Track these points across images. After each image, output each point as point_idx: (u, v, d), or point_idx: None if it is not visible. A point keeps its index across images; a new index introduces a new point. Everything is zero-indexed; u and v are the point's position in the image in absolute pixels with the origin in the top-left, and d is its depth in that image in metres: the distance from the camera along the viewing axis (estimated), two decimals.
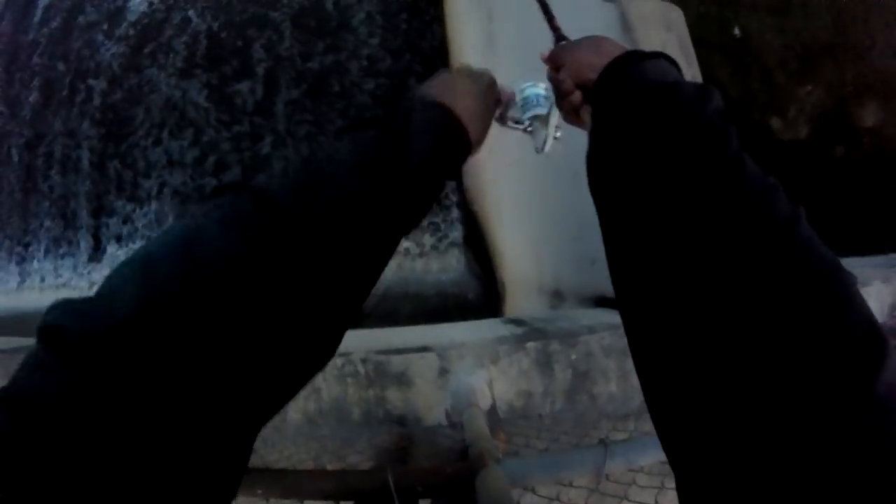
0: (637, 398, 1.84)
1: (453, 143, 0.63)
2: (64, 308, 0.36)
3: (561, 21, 2.82)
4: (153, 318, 0.34)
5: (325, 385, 1.89)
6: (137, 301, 0.35)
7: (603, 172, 0.57)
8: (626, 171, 0.52)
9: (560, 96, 0.77)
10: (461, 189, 4.93)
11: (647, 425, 1.75)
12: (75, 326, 0.34)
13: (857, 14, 5.24)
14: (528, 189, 3.33)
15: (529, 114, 0.91)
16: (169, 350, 0.34)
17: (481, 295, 4.76)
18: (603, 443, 1.19)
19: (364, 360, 1.85)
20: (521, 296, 3.67)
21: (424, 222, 5.13)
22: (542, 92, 0.92)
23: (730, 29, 5.51)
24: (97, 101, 6.43)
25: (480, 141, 0.71)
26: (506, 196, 3.75)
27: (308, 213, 0.44)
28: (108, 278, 0.38)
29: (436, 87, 0.67)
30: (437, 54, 4.90)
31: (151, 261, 0.38)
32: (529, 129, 0.92)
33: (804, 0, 5.37)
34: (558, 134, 0.90)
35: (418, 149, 0.56)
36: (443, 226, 4.99)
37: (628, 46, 2.02)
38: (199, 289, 0.37)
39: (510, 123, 0.92)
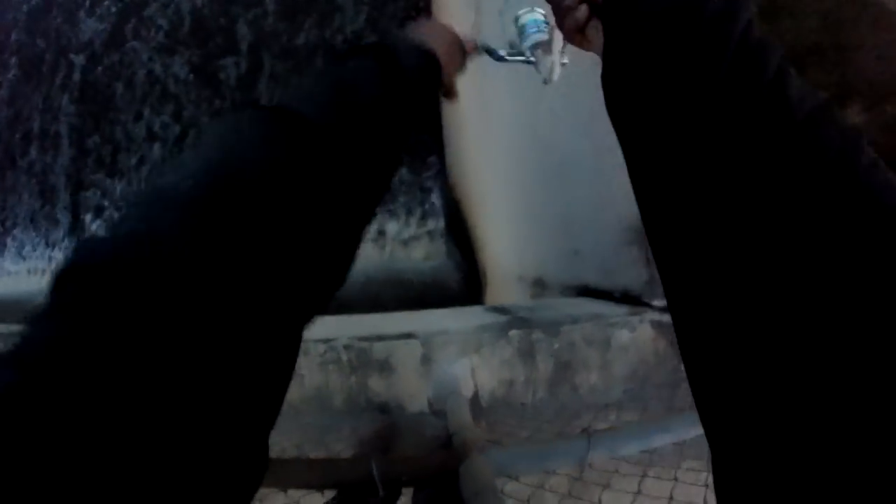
0: (618, 389, 1.87)
1: (434, 69, 0.67)
2: (77, 247, 0.32)
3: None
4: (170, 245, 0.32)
5: (308, 372, 1.88)
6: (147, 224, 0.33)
7: (621, 97, 0.51)
8: (647, 96, 0.46)
9: (561, 14, 0.71)
10: (444, 175, 4.92)
11: (629, 416, 1.78)
12: (83, 260, 0.31)
13: (846, 15, 5.29)
14: (513, 177, 3.33)
15: (529, 42, 0.86)
16: (192, 268, 0.31)
17: (463, 283, 4.77)
18: (586, 433, 1.21)
19: (347, 347, 1.85)
20: (503, 284, 3.69)
21: (406, 209, 5.13)
22: (541, 17, 0.86)
23: None
24: (77, 76, 6.33)
25: (452, 74, 0.75)
26: (490, 184, 3.75)
27: (336, 129, 0.45)
28: (124, 209, 0.35)
29: (412, 30, 0.70)
30: None
31: (174, 190, 0.35)
32: (532, 59, 0.87)
33: (793, 3, 5.41)
34: (565, 60, 0.83)
35: (411, 68, 0.59)
36: (425, 213, 4.99)
37: None
38: (234, 214, 0.34)
39: (509, 58, 0.88)
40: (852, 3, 4.88)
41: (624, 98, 0.50)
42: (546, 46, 0.84)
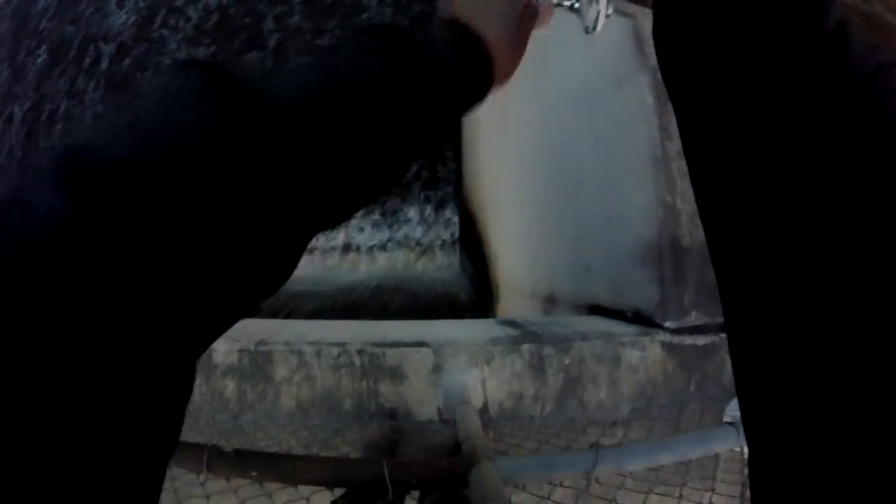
0: (626, 407, 1.90)
1: (472, 74, 0.55)
2: None
3: (575, 34, 2.87)
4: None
5: (320, 374, 1.93)
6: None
7: (675, 55, 0.46)
8: (704, 53, 0.41)
9: None
10: (460, 187, 4.98)
11: (635, 434, 1.81)
12: None
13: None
14: (529, 192, 3.38)
15: None
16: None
17: (473, 295, 4.81)
18: (594, 446, 1.24)
19: (360, 352, 1.89)
20: (515, 299, 3.73)
21: (420, 219, 5.19)
22: None
23: None
24: (105, 64, 6.49)
25: (509, 72, 0.62)
26: (505, 198, 3.80)
27: (292, 121, 0.37)
28: None
29: (458, 4, 0.57)
30: None
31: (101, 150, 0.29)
32: (576, 4, 0.78)
33: None
34: (611, 10, 0.77)
35: (439, 61, 0.50)
36: (439, 224, 5.05)
37: (639, 62, 2.05)
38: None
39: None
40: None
41: (676, 59, 0.45)
42: None
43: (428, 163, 5.10)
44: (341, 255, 5.12)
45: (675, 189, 1.99)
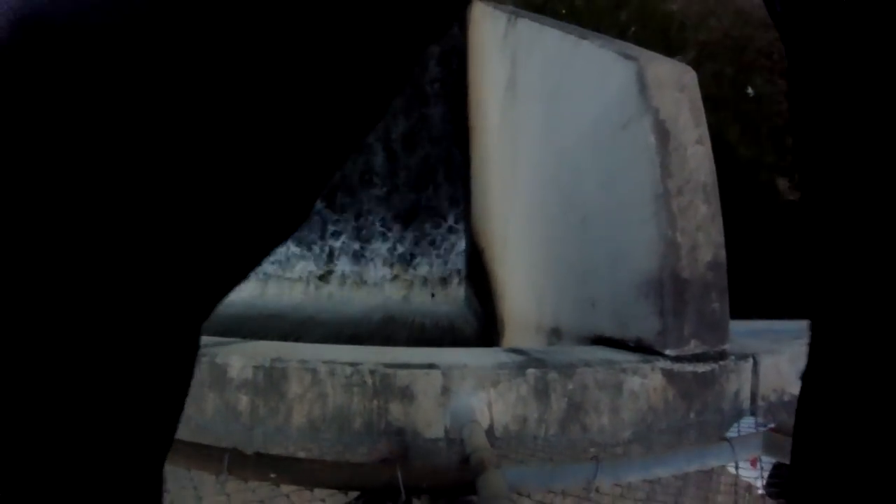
0: (626, 432, 2.00)
1: None
2: None
3: (589, 83, 3.08)
4: None
5: (332, 392, 2.05)
6: None
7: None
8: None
9: None
10: (468, 222, 5.15)
11: (635, 456, 1.91)
12: None
13: None
14: (537, 229, 3.53)
15: None
16: None
17: (478, 330, 4.93)
18: (595, 458, 1.36)
19: (372, 372, 2.02)
20: (520, 333, 3.85)
21: (429, 252, 5.35)
22: None
23: (744, 89, 5.78)
24: None
25: None
26: (513, 234, 3.96)
27: None
28: None
29: None
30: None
31: None
32: None
33: None
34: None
35: None
36: (447, 257, 5.20)
37: (642, 104, 2.23)
38: None
39: None
40: None
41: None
42: None
43: (435, 194, 5.27)
44: (346, 285, 5.25)
45: (676, 224, 2.14)
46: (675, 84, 2.30)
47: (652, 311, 2.17)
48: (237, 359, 2.21)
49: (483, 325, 4.72)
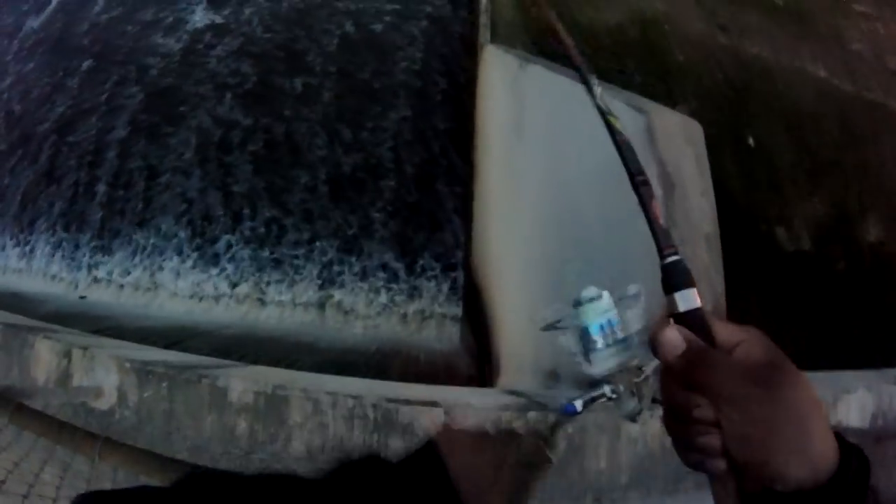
0: (624, 476, 2.06)
1: None
2: None
3: (591, 127, 3.16)
4: None
5: (333, 423, 2.10)
6: None
7: None
8: None
9: (680, 421, 0.59)
10: (468, 260, 5.21)
11: (632, 501, 1.96)
12: None
13: (867, 130, 5.70)
14: (536, 269, 3.60)
15: (601, 366, 0.74)
16: None
17: (472, 368, 4.95)
18: (598, 501, 1.42)
19: (374, 406, 2.07)
20: (515, 374, 3.88)
21: (426, 287, 5.40)
22: (613, 314, 0.73)
23: (744, 138, 5.91)
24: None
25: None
26: (513, 271, 4.02)
27: None
28: None
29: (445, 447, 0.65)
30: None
31: None
32: (610, 394, 0.76)
33: (816, 115, 5.84)
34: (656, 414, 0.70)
35: None
36: (445, 294, 5.25)
37: (650, 155, 2.32)
38: None
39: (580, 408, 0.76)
40: (872, 119, 5.23)
41: None
42: (632, 373, 0.73)
43: (434, 233, 5.37)
44: (340, 314, 5.29)
45: None
46: (683, 137, 2.42)
47: (652, 359, 2.25)
48: (238, 382, 2.26)
49: (477, 364, 4.75)
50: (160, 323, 5.45)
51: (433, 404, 2.08)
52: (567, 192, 3.17)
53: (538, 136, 3.61)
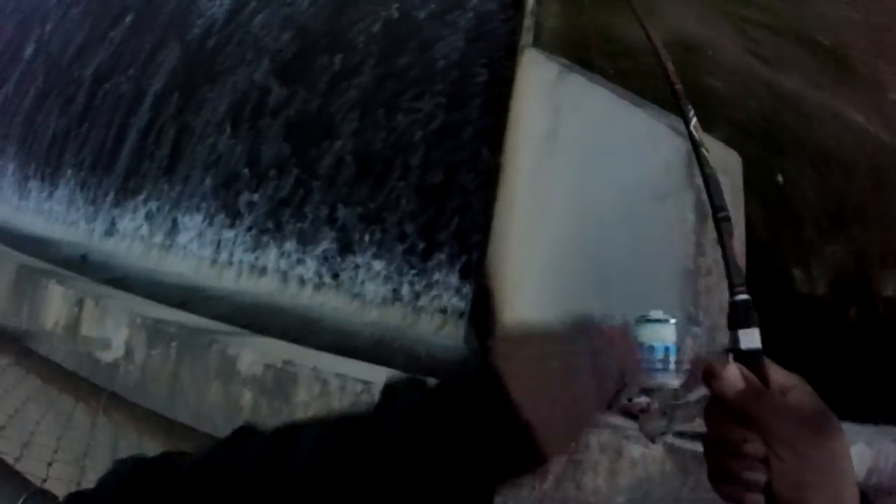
0: (621, 498, 2.07)
1: (502, 448, 0.60)
2: None
3: (634, 150, 3.14)
4: None
5: (339, 406, 2.11)
6: None
7: None
8: None
9: (727, 453, 0.62)
10: (483, 260, 5.20)
11: None
12: None
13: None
14: (553, 280, 3.60)
15: (648, 380, 0.73)
16: None
17: (473, 370, 4.94)
18: None
19: None
20: None
21: (437, 282, 5.40)
22: (673, 342, 0.73)
23: (773, 173, 5.87)
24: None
25: (558, 451, 0.65)
26: (527, 280, 4.01)
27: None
28: None
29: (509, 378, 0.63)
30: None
31: None
32: (643, 404, 0.76)
33: (847, 160, 5.79)
34: (682, 444, 0.66)
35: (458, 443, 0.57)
36: (455, 291, 5.25)
37: (686, 180, 2.32)
38: None
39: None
40: None
41: None
42: (668, 395, 0.74)
43: (453, 220, 5.38)
44: (347, 297, 5.31)
45: (699, 302, 2.23)
46: (721, 166, 2.40)
47: None
48: (248, 353, 2.27)
49: (479, 365, 4.75)
50: (169, 280, 5.49)
51: None
52: (594, 208, 3.17)
53: (571, 148, 3.60)
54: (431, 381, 0.64)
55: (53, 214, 6.79)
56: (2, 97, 7.74)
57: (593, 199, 3.22)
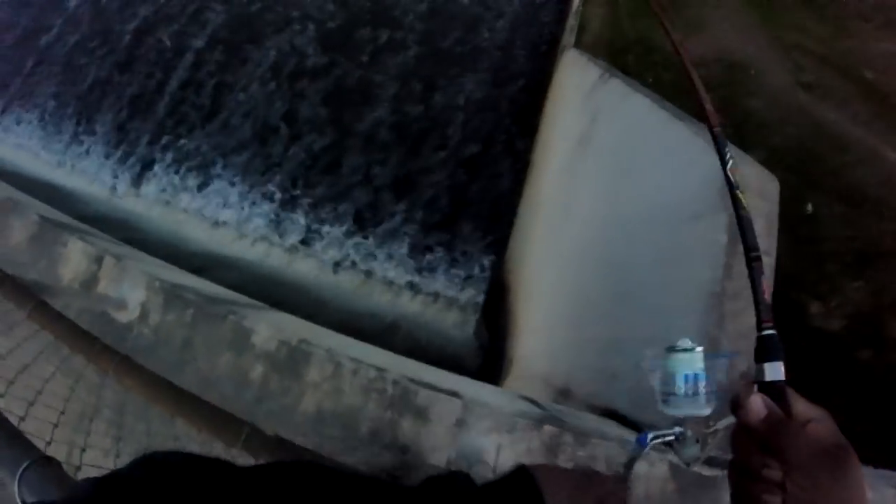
0: None
1: None
2: None
3: (670, 164, 3.09)
4: None
5: (349, 389, 2.11)
6: None
7: None
8: None
9: (748, 476, 0.66)
10: (502, 256, 5.20)
11: None
12: None
13: None
14: (573, 286, 3.58)
15: (675, 411, 0.77)
16: None
17: (479, 363, 4.96)
18: None
19: (395, 383, 2.08)
20: (524, 380, 3.88)
21: (453, 272, 5.41)
22: (701, 369, 0.76)
23: (803, 202, 5.81)
24: None
25: None
26: (546, 282, 4.00)
27: None
28: None
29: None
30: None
31: None
32: (676, 435, 0.78)
33: (880, 199, 5.71)
34: (665, 458, 0.71)
35: None
36: (470, 283, 5.25)
37: (721, 202, 2.27)
38: None
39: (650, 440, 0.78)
40: None
41: None
42: (700, 423, 0.77)
43: (480, 207, 5.41)
44: (359, 276, 5.32)
45: (724, 326, 2.20)
46: (758, 190, 2.38)
47: None
48: (265, 327, 2.28)
49: (486, 360, 4.76)
50: (186, 246, 5.53)
51: (454, 394, 2.08)
52: (622, 218, 3.14)
53: (604, 154, 3.57)
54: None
55: (83, 162, 6.87)
56: (45, 42, 7.90)
57: (622, 208, 3.19)
